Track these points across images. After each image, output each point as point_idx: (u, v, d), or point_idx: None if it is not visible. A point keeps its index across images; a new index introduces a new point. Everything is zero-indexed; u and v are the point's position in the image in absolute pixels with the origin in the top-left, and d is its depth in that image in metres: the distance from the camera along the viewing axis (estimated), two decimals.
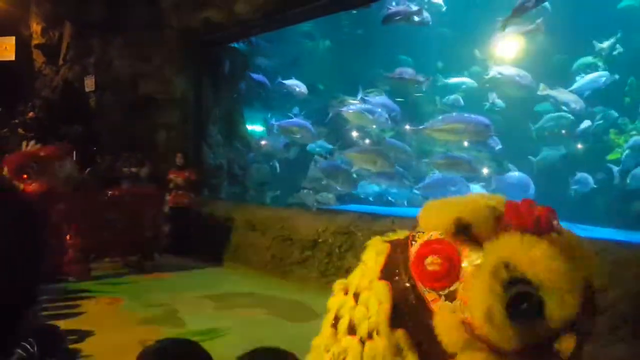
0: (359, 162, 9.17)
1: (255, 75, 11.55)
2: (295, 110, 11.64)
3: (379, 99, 10.11)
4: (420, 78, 10.42)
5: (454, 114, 9.05)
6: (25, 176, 5.88)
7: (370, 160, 8.91)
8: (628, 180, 9.37)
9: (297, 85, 11.52)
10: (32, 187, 5.80)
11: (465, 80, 11.67)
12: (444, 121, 8.54)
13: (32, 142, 6.61)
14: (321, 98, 12.92)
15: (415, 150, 10.78)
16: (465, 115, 8.76)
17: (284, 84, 11.42)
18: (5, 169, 5.91)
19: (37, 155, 6.24)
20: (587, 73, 10.22)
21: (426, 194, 9.36)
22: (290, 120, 10.76)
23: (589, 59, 10.64)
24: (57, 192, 6.07)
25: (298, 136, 10.52)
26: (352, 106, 10.09)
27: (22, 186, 5.67)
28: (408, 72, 10.73)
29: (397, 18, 9.62)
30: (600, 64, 10.46)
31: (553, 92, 9.81)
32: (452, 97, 11.12)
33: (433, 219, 1.35)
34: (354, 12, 11.17)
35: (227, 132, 10.63)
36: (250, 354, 1.32)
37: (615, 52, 10.53)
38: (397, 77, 10.76)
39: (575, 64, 10.71)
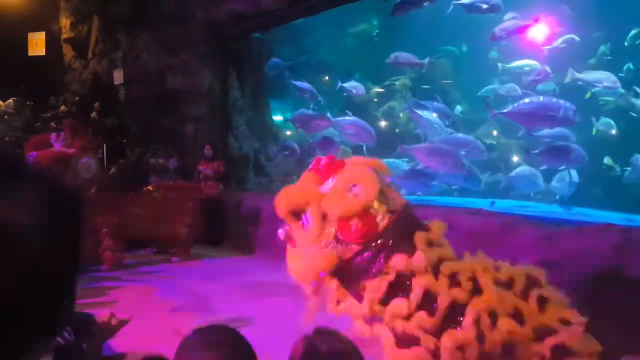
0: (427, 159, 8.80)
1: (299, 84, 11.37)
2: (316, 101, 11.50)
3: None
4: (418, 61, 10.32)
5: (535, 98, 8.62)
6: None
7: (439, 159, 8.53)
8: None
9: (355, 87, 11.30)
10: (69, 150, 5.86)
11: (528, 62, 11.00)
12: (528, 105, 8.21)
13: (62, 135, 6.68)
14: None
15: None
16: (548, 98, 8.47)
17: (343, 87, 11.23)
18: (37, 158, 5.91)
19: (59, 156, 6.09)
20: None
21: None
22: (351, 120, 10.19)
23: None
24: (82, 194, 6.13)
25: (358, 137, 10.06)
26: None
27: None
28: (403, 56, 10.55)
29: (409, 6, 9.11)
30: None
31: (581, 75, 9.57)
32: (508, 85, 10.66)
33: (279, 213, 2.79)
34: None
35: (253, 123, 10.67)
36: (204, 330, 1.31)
37: None
38: (394, 62, 10.60)
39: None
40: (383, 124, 12.37)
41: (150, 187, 7.46)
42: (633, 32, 10.76)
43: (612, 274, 4.04)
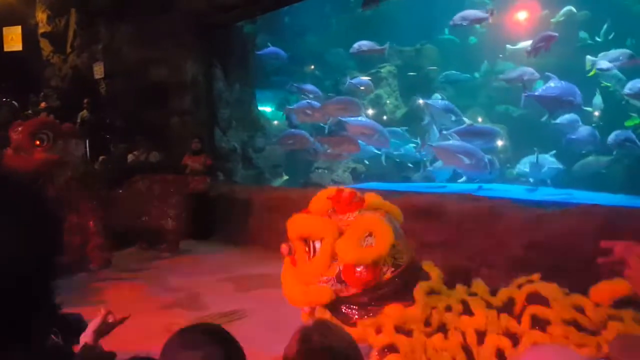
0: (449, 159, 8.89)
1: (304, 86, 11.14)
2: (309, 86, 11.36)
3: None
4: (379, 47, 10.48)
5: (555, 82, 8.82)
6: (38, 142, 5.71)
7: (464, 158, 8.57)
8: None
9: (362, 83, 11.11)
10: (42, 155, 5.67)
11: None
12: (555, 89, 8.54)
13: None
14: (333, 73, 12.82)
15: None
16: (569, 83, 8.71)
17: (352, 83, 11.07)
18: (20, 129, 5.76)
19: (56, 125, 6.05)
20: None
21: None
22: (362, 121, 9.98)
23: None
24: (66, 166, 5.94)
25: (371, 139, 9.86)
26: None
27: (32, 152, 5.60)
28: (365, 44, 10.71)
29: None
30: None
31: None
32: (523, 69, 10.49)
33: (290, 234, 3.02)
34: None
35: (239, 115, 10.58)
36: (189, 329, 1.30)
37: None
38: (357, 51, 10.71)
39: None
40: (370, 112, 12.34)
41: (135, 180, 7.36)
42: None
43: (598, 253, 4.09)
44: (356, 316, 2.81)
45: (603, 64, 9.64)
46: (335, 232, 2.80)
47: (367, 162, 11.22)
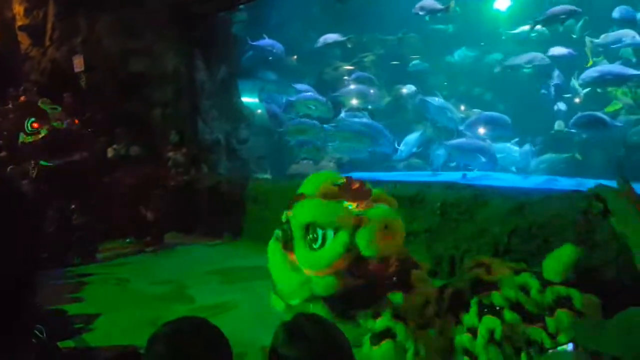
0: (464, 156, 9.27)
1: (300, 86, 11.14)
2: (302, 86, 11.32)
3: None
4: (342, 38, 10.83)
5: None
6: (36, 125, 6.09)
7: (476, 155, 8.98)
8: None
9: (363, 76, 10.97)
10: (38, 138, 6.02)
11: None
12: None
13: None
14: (313, 65, 12.78)
15: None
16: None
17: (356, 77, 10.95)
18: (19, 113, 6.00)
19: (56, 116, 6.40)
20: None
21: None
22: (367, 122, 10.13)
23: None
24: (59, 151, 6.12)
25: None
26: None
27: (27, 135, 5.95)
28: (331, 37, 10.96)
29: None
30: None
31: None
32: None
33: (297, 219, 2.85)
34: None
35: (223, 105, 10.49)
36: (174, 323, 1.31)
37: None
38: (322, 44, 10.84)
39: None
40: (354, 102, 12.35)
41: (118, 174, 7.30)
42: None
43: (581, 238, 4.16)
44: (354, 310, 2.77)
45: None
46: (352, 224, 2.69)
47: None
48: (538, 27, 10.22)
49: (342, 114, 10.11)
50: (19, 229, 0.76)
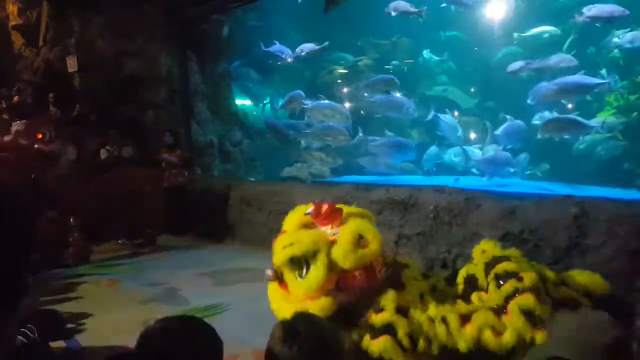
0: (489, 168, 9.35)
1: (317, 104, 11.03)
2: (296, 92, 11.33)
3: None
4: (317, 47, 10.79)
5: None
6: (40, 135, 6.42)
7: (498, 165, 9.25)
8: None
9: (386, 79, 10.72)
10: (40, 146, 6.32)
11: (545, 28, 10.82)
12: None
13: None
14: (309, 66, 12.79)
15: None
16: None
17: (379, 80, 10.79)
18: (24, 122, 6.51)
19: (60, 128, 6.73)
20: None
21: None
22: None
23: None
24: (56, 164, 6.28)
25: None
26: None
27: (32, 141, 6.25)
28: (307, 47, 10.90)
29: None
30: None
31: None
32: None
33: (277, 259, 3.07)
34: None
35: (216, 108, 10.49)
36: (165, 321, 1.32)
37: None
38: (299, 54, 10.91)
39: None
40: (348, 105, 12.37)
41: (112, 175, 7.28)
42: None
43: (572, 243, 4.19)
44: (354, 321, 2.89)
45: None
46: (327, 243, 2.88)
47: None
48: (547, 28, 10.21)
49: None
50: (11, 227, 0.77)
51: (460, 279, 3.03)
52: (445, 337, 2.71)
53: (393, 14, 10.35)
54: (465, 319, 2.76)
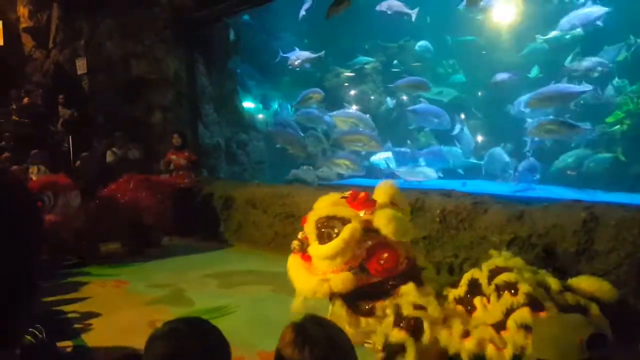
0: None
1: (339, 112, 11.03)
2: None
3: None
4: (313, 55, 11.02)
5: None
6: (40, 204, 5.80)
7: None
8: None
9: (417, 81, 10.60)
10: (48, 217, 5.80)
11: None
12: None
13: (42, 168, 6.60)
14: (317, 69, 12.81)
15: None
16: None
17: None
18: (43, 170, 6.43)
19: (56, 184, 6.20)
20: None
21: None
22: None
23: None
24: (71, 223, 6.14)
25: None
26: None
27: None
28: (303, 54, 11.06)
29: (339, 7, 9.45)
30: None
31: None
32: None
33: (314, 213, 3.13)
34: None
35: (223, 110, 10.52)
36: (172, 323, 1.32)
37: None
38: (294, 62, 11.06)
39: None
40: (355, 108, 12.38)
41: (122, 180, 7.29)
42: None
43: (580, 248, 4.16)
44: (370, 304, 2.92)
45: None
46: (361, 219, 2.93)
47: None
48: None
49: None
50: (20, 227, 0.77)
51: (464, 280, 3.02)
52: (447, 341, 2.71)
53: (389, 12, 10.39)
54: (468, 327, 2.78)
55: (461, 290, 2.97)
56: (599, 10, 9.34)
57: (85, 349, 3.63)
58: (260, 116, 12.45)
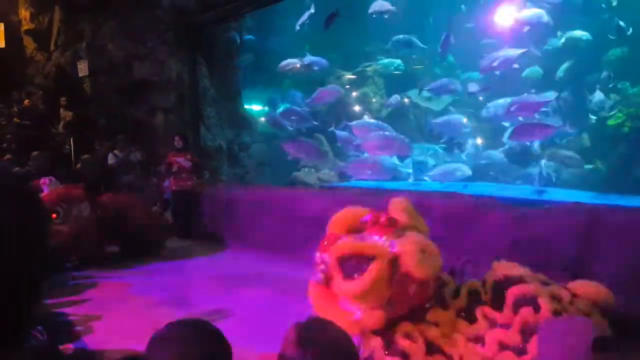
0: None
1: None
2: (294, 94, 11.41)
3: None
4: (300, 64, 11.06)
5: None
6: (54, 216, 6.02)
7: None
8: None
9: (447, 84, 10.66)
10: (63, 228, 5.98)
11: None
12: None
13: (52, 179, 6.68)
14: (315, 74, 12.82)
15: None
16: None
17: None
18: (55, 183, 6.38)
19: (69, 195, 6.38)
20: None
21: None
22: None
23: None
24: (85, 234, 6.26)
25: None
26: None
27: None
28: (292, 62, 11.11)
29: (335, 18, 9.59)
30: None
31: None
32: None
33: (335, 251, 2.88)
34: None
35: (225, 112, 10.54)
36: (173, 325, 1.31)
37: None
38: (284, 69, 11.14)
39: None
40: (357, 110, 12.39)
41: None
42: None
43: (582, 251, 4.15)
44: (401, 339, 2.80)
45: None
46: (388, 253, 2.75)
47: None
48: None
49: None
50: (29, 227, 0.77)
51: (464, 290, 2.99)
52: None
53: (374, 15, 10.66)
54: (474, 339, 2.74)
55: (462, 300, 2.93)
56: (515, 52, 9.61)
57: (86, 351, 3.62)
58: (262, 119, 12.47)
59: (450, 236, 5.10)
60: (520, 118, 9.16)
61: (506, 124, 9.94)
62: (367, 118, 11.07)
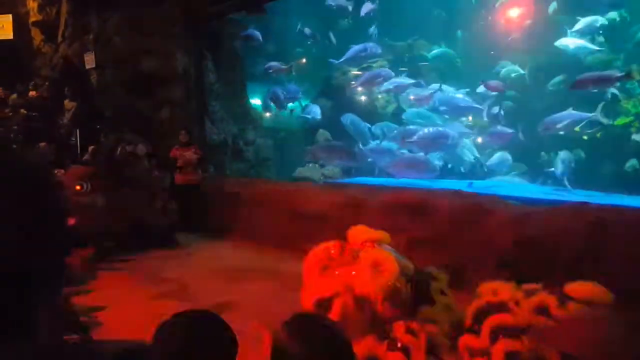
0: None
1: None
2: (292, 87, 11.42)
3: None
4: (284, 67, 11.28)
5: None
6: (79, 187, 6.66)
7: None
8: None
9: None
10: (79, 198, 6.50)
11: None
12: None
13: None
14: (324, 66, 12.83)
15: None
16: None
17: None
18: (66, 177, 6.83)
19: (95, 179, 6.94)
20: None
21: None
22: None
23: None
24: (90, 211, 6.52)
25: None
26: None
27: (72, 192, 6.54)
28: (274, 65, 11.37)
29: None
30: None
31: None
32: None
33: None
34: None
35: (230, 107, 10.54)
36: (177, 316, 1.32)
37: None
38: (268, 70, 11.38)
39: None
40: (362, 105, 12.36)
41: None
42: None
43: (587, 250, 4.14)
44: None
45: None
46: (350, 290, 3.05)
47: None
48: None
49: None
50: (54, 214, 0.78)
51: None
52: None
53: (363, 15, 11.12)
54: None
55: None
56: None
57: (90, 341, 3.65)
58: (268, 114, 12.46)
59: (454, 234, 5.11)
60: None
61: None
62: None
